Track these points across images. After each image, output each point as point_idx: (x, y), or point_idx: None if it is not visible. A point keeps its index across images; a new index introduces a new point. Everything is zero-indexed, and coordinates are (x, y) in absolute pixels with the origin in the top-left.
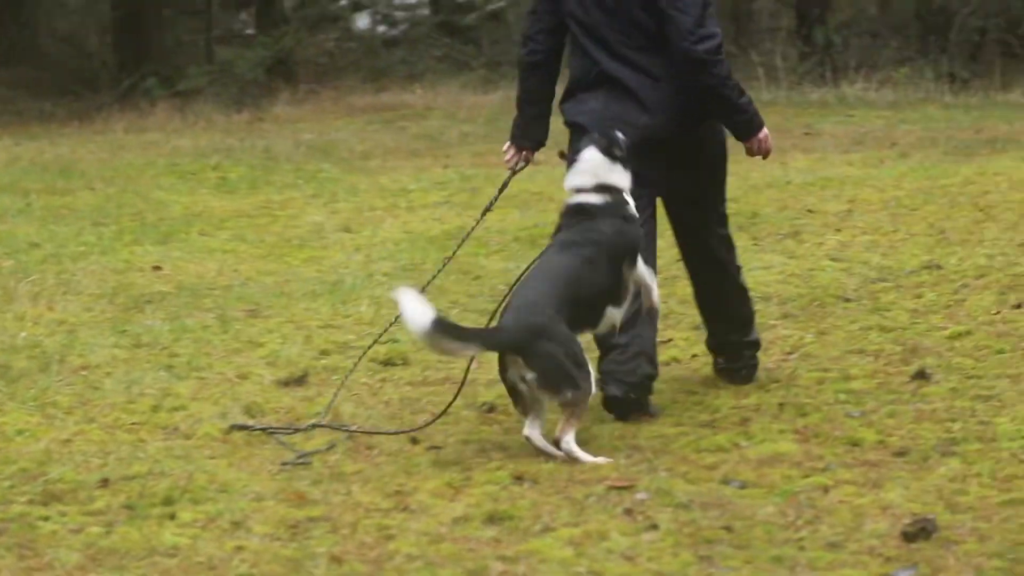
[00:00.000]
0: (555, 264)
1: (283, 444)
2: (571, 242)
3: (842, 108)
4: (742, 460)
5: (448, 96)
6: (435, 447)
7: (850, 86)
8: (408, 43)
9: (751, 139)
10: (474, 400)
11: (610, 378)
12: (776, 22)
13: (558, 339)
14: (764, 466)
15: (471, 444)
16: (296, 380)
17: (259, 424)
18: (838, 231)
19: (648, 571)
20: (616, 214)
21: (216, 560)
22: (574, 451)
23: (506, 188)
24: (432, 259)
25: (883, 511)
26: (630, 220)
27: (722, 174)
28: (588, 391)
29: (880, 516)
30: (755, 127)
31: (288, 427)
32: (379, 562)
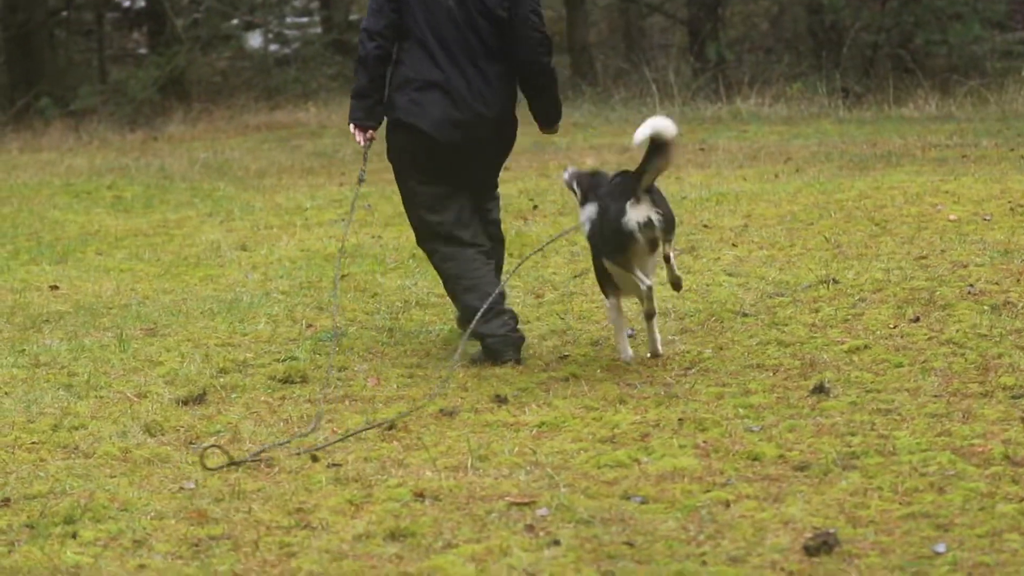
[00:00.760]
0: None
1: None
2: None
3: (736, 124)
4: (643, 475)
5: (341, 114)
6: (335, 464)
7: (744, 102)
8: (300, 62)
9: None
10: (374, 417)
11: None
12: (668, 39)
13: None
14: (665, 481)
15: (371, 461)
16: (195, 398)
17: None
18: (734, 246)
19: None
20: None
21: None
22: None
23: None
24: (329, 277)
25: (784, 525)
26: None
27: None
28: None
29: (782, 530)
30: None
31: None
32: None
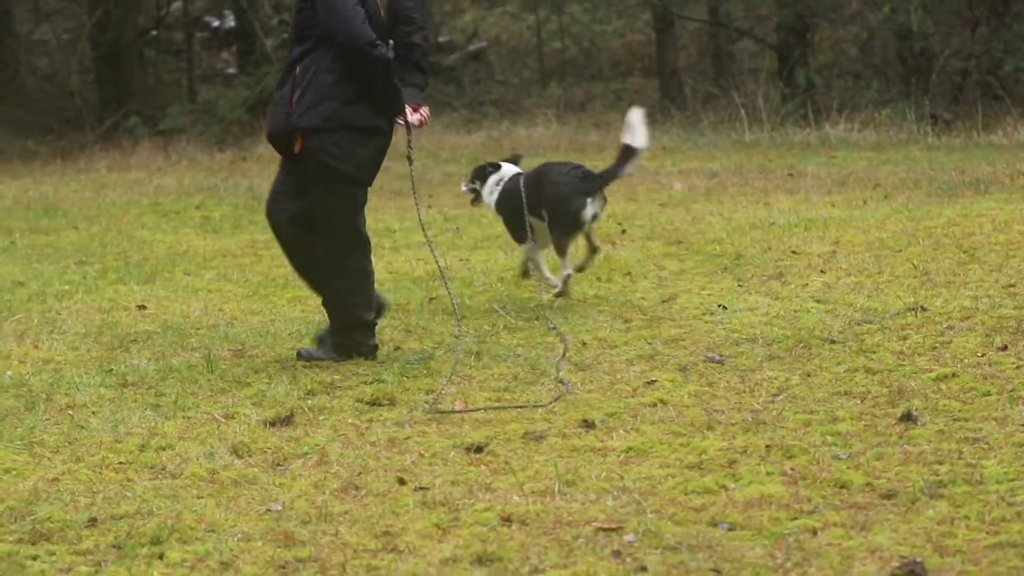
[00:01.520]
0: None
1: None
2: None
3: (825, 149)
4: (730, 502)
5: (431, 136)
6: (422, 488)
7: (832, 127)
8: None
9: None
10: (462, 441)
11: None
12: (757, 63)
13: None
14: (752, 508)
15: (459, 485)
16: (283, 420)
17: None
18: (822, 272)
19: None
20: None
21: None
22: None
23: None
24: (417, 299)
25: (871, 554)
26: None
27: None
28: None
29: (868, 559)
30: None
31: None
32: None
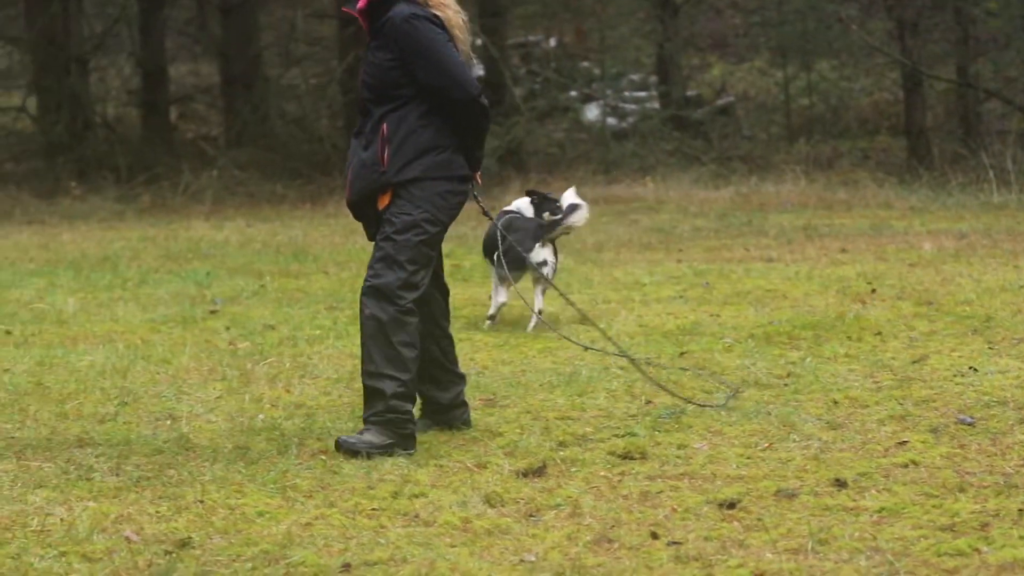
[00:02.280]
0: None
1: None
2: None
3: None
4: (983, 565)
5: (679, 190)
6: (675, 543)
7: None
8: (638, 136)
9: None
10: (714, 497)
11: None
12: (1006, 124)
13: None
14: (1005, 572)
15: (712, 540)
16: (535, 471)
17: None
18: None
19: None
20: None
21: None
22: None
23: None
24: (667, 353)
25: None
26: None
27: None
28: None
29: None
30: None
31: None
32: None
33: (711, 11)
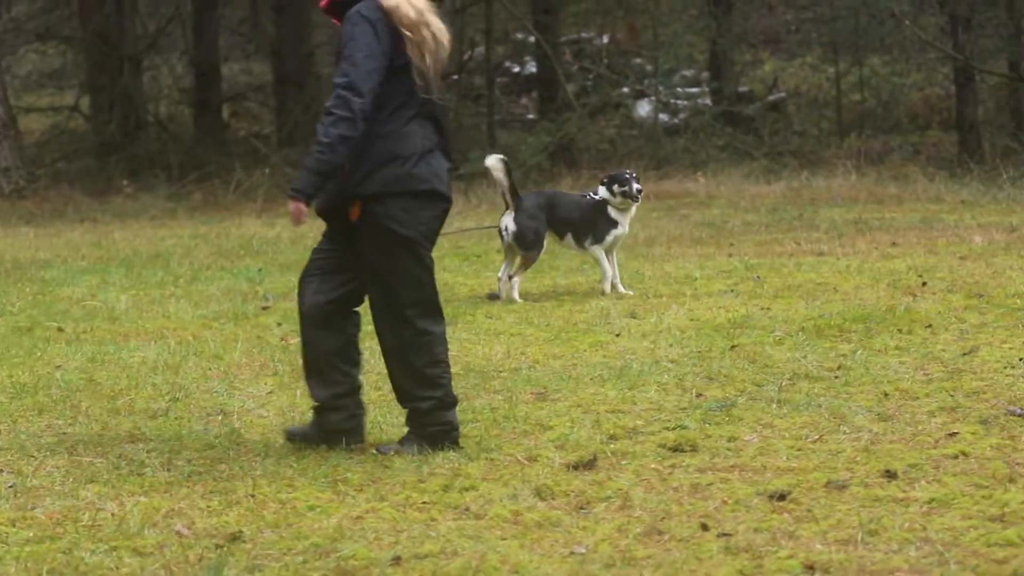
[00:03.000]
0: None
1: None
2: None
3: None
4: None
5: (730, 185)
6: (725, 534)
7: None
8: (690, 132)
9: None
10: (764, 489)
11: None
12: None
13: None
14: None
15: (762, 532)
16: (586, 464)
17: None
18: None
19: None
20: None
21: None
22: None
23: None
24: (718, 347)
25: None
26: None
27: None
28: None
29: None
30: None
31: None
32: None
33: (763, 7)
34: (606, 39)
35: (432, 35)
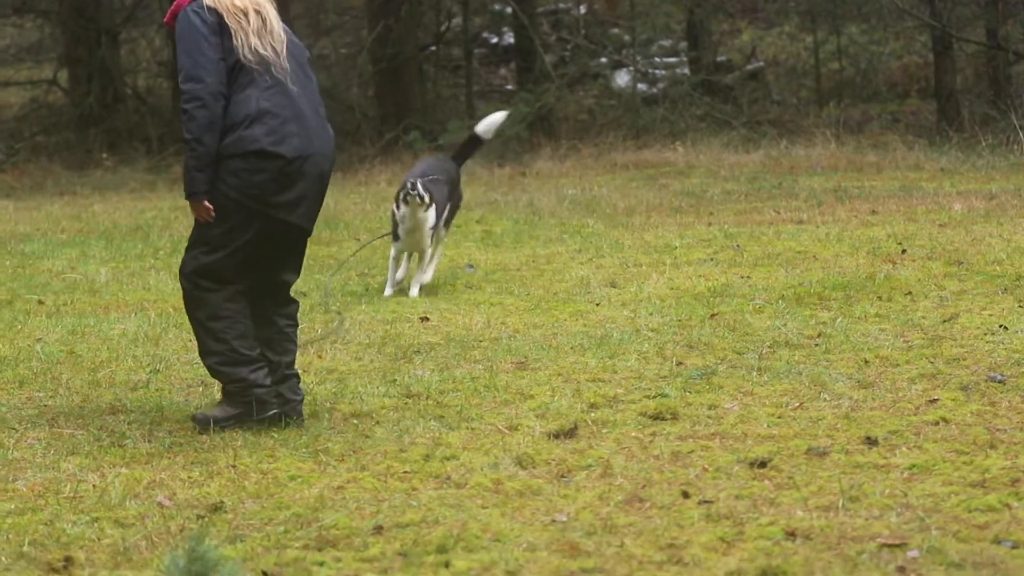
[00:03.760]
0: None
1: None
2: None
3: None
4: (1013, 520)
5: (709, 154)
6: (707, 501)
7: None
8: (668, 102)
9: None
10: (745, 456)
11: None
12: None
13: None
14: None
15: (743, 499)
16: (566, 432)
17: None
18: None
19: None
20: None
21: None
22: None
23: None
24: (698, 315)
25: None
26: None
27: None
28: None
29: None
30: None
31: None
32: None
33: None
34: (583, 9)
35: (247, 13)
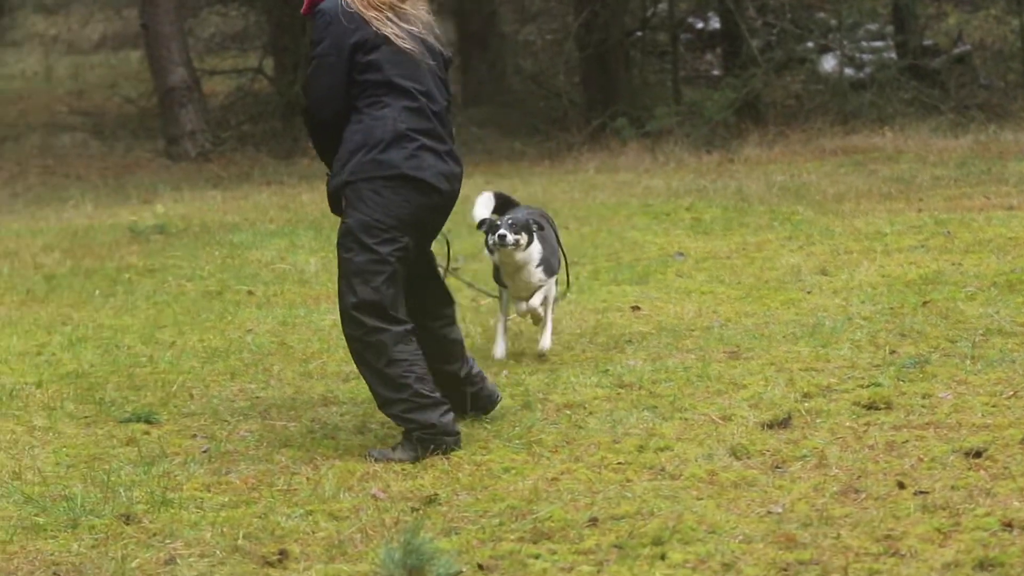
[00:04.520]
0: None
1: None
2: None
3: None
4: None
5: (917, 139)
6: (922, 492)
7: None
8: (875, 86)
9: None
10: (960, 446)
11: None
12: None
13: None
14: None
15: (959, 490)
16: (780, 422)
17: None
18: None
19: None
20: None
21: None
22: None
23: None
24: (910, 303)
25: None
26: None
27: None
28: None
29: None
30: None
31: None
32: None
33: None
34: None
35: (406, 23)
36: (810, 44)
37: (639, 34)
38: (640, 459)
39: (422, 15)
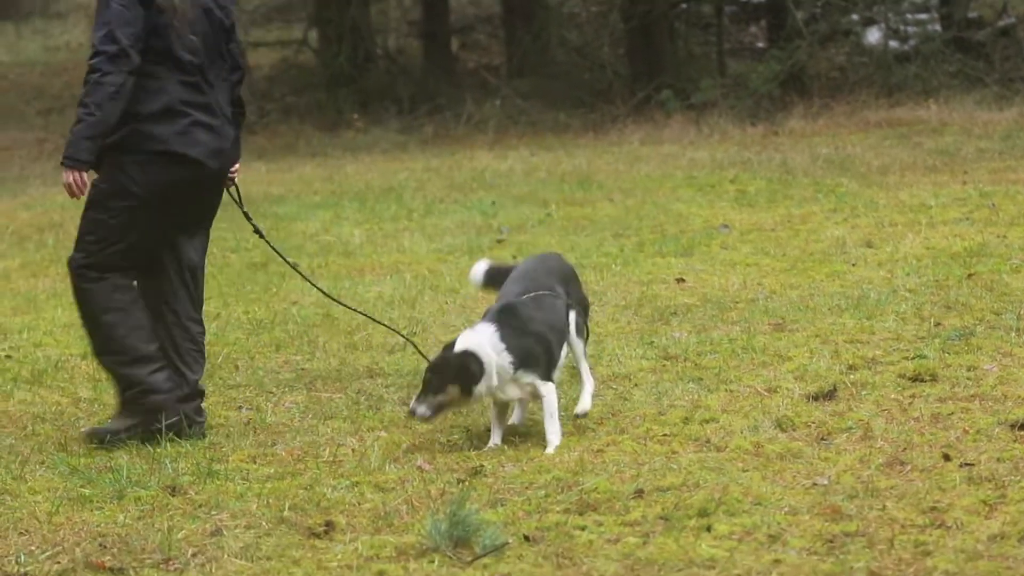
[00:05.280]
0: None
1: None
2: None
3: None
4: None
5: (962, 112)
6: (968, 464)
7: None
8: (920, 58)
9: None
10: (1006, 418)
11: None
12: None
13: None
14: None
15: (1004, 462)
16: (825, 394)
17: None
18: None
19: None
20: None
21: (754, 573)
22: None
23: None
24: (955, 275)
25: None
26: None
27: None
28: None
29: None
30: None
31: None
32: None
33: None
34: None
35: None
36: (855, 16)
37: (684, 6)
38: (685, 431)
39: None
